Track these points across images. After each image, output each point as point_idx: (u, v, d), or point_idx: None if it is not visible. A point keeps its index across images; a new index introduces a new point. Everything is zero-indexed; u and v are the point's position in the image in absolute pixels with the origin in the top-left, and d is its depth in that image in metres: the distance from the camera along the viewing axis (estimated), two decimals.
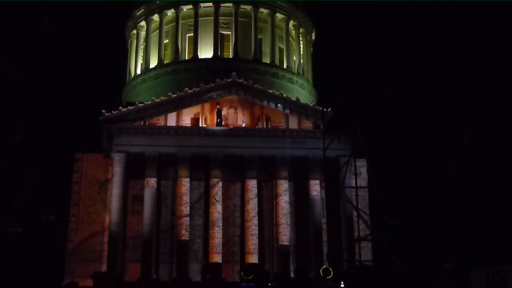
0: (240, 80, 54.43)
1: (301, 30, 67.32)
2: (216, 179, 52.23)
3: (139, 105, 53.01)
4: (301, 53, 67.11)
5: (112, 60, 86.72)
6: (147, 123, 53.27)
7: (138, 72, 64.27)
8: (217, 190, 51.94)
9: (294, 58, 65.76)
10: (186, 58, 61.97)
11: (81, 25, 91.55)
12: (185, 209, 51.27)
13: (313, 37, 71.03)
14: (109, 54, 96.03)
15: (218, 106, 53.89)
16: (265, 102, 54.73)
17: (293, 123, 54.70)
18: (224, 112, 54.18)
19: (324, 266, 18.63)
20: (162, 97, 53.63)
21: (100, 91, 74.69)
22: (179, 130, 53.00)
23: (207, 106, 54.61)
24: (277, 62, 62.68)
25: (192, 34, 62.27)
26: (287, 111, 54.82)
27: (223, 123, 53.66)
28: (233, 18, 62.24)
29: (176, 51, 61.71)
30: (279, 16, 64.50)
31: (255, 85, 54.49)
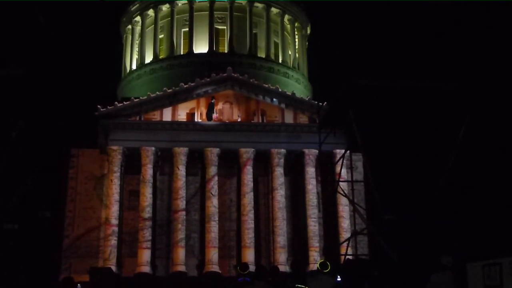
0: (235, 75, 54.36)
1: (296, 25, 67.24)
2: (212, 174, 52.26)
3: (135, 100, 52.92)
4: (296, 47, 67.07)
5: (107, 56, 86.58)
6: (142, 118, 53.23)
7: (134, 67, 64.15)
8: (213, 185, 51.98)
9: (290, 53, 65.68)
10: (182, 53, 61.86)
11: (76, 21, 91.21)
12: (181, 203, 51.29)
13: (308, 32, 70.96)
14: (104, 50, 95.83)
15: (213, 100, 53.71)
16: (261, 97, 54.71)
17: (289, 118, 54.72)
18: (219, 107, 54.15)
19: (322, 260, 18.63)
20: (157, 92, 53.55)
21: (96, 87, 74.54)
22: (174, 125, 53.00)
23: (202, 101, 54.60)
24: (272, 57, 62.63)
25: (187, 29, 62.15)
26: (283, 105, 54.83)
27: (216, 116, 53.52)
28: (228, 12, 62.08)
29: (171, 46, 61.62)
30: (274, 10, 64.37)
31: (251, 80, 54.43)
